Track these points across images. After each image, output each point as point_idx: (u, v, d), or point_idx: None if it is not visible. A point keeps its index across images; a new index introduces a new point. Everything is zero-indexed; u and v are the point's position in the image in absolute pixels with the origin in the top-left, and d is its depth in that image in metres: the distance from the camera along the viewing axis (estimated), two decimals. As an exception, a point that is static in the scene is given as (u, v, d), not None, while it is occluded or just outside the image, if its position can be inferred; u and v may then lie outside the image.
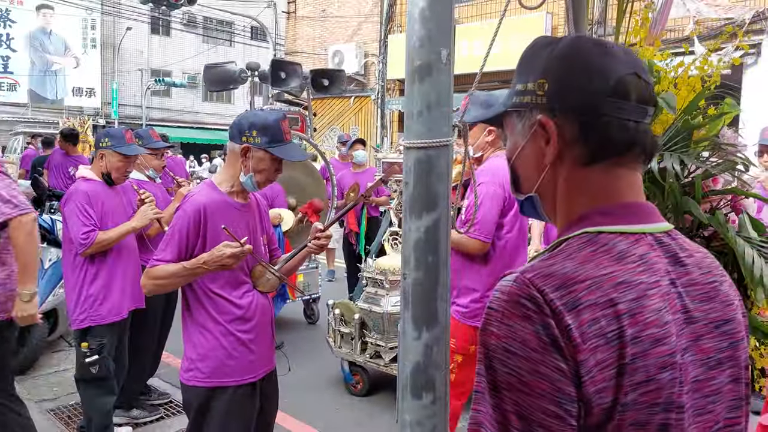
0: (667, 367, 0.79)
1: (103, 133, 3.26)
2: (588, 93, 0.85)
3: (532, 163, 0.93)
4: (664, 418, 0.79)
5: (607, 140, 0.86)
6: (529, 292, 0.79)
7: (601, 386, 0.76)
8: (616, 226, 0.86)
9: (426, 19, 1.95)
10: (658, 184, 1.71)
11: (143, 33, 26.50)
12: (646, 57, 1.82)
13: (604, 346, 0.76)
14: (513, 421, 0.77)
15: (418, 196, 2.01)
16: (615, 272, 0.80)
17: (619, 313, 0.77)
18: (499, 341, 0.79)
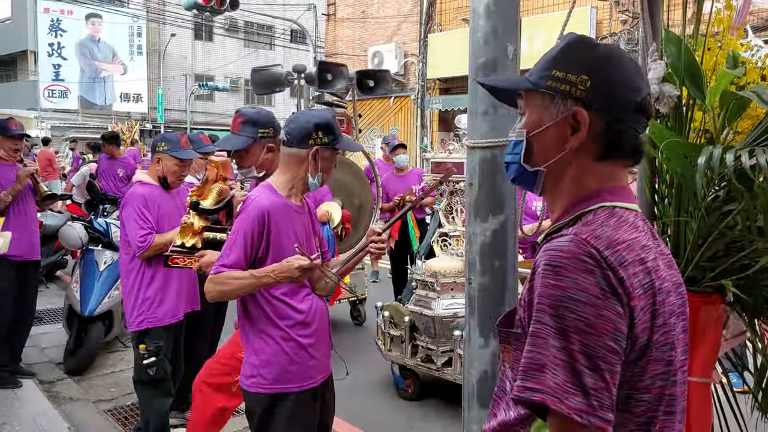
0: (673, 315, 1.01)
1: (159, 138, 3.29)
2: (622, 102, 1.03)
3: (553, 143, 1.06)
4: (670, 354, 1.00)
5: (622, 143, 1.05)
6: (587, 250, 0.95)
7: (643, 327, 0.95)
8: (624, 203, 1.05)
9: (491, 14, 1.88)
10: (747, 182, 1.60)
11: (187, 39, 27.07)
12: (730, 47, 1.71)
13: (644, 295, 0.96)
14: (580, 359, 0.90)
15: (483, 197, 1.94)
16: (638, 237, 1.00)
17: (648, 270, 0.98)
18: (565, 291, 0.92)
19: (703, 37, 1.73)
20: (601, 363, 0.91)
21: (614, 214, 1.02)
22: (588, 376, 0.90)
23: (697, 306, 1.74)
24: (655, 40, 1.82)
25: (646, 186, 1.84)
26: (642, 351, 0.96)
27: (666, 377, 1.00)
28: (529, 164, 1.09)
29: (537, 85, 1.06)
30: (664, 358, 0.99)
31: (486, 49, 1.88)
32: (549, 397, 0.90)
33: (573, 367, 0.90)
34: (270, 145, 2.63)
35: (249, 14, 23.20)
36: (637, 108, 1.03)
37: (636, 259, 0.97)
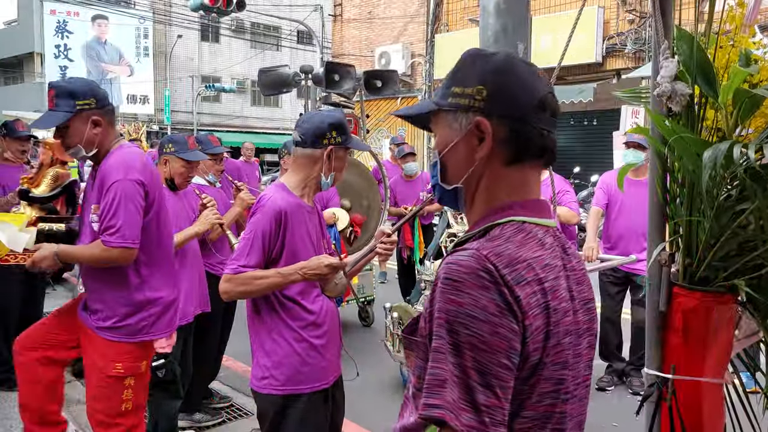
0: (568, 334, 1.01)
1: (166, 139, 3.30)
2: (521, 105, 1.03)
3: (464, 157, 1.07)
4: (561, 374, 1.00)
5: (528, 144, 1.04)
6: (486, 266, 0.94)
7: (536, 346, 0.95)
8: (533, 218, 1.05)
9: (501, 12, 1.87)
10: (760, 181, 1.58)
11: (193, 40, 27.15)
12: (742, 45, 1.69)
13: (540, 315, 0.96)
14: (473, 375, 0.90)
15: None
16: (542, 255, 1.01)
17: (546, 290, 0.98)
18: (461, 307, 0.92)
19: (715, 35, 1.72)
20: (494, 380, 0.91)
21: (522, 229, 1.03)
22: (480, 392, 0.90)
23: (709, 306, 1.73)
24: (667, 38, 1.80)
25: (657, 186, 1.82)
26: (533, 370, 0.96)
27: (556, 395, 1.00)
28: (447, 183, 1.10)
29: (440, 104, 1.09)
30: (555, 377, 0.99)
31: (496, 47, 1.87)
32: (448, 412, 0.90)
33: (466, 383, 0.90)
34: (95, 118, 2.42)
35: (255, 15, 23.25)
36: (537, 107, 1.03)
37: (535, 278, 0.97)
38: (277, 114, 29.59)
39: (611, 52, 12.36)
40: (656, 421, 1.85)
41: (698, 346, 1.77)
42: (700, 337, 1.76)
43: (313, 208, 2.35)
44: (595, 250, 4.43)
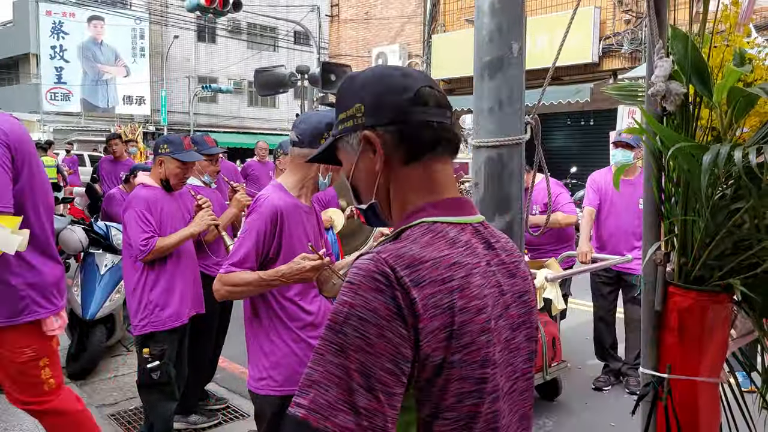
0: (485, 332, 0.99)
1: (162, 140, 3.28)
2: (397, 105, 1.04)
3: (367, 173, 1.09)
4: (481, 372, 0.98)
5: (418, 139, 1.05)
6: (382, 269, 0.93)
7: (434, 347, 0.93)
8: (446, 217, 1.05)
9: (496, 12, 1.86)
10: (754, 180, 1.58)
11: (190, 41, 27.11)
12: (736, 44, 1.69)
13: (440, 315, 0.94)
14: (356, 377, 0.89)
15: (489, 197, 1.92)
16: (450, 254, 0.99)
17: (452, 289, 0.96)
18: (353, 309, 0.92)
19: (709, 35, 1.71)
20: (377, 384, 0.89)
21: (432, 230, 1.02)
22: (361, 395, 0.89)
23: (704, 305, 1.73)
24: (662, 37, 1.80)
25: (653, 185, 1.82)
26: (437, 370, 0.94)
27: (479, 394, 0.98)
28: (363, 202, 1.13)
29: (335, 135, 1.14)
30: (473, 376, 0.97)
31: (491, 47, 1.86)
32: (313, 414, 0.88)
33: (348, 385, 0.89)
34: None
35: (252, 16, 23.22)
36: (413, 103, 1.04)
37: (438, 278, 0.95)
38: (274, 114, 29.56)
39: (608, 52, 12.37)
40: (652, 420, 1.85)
41: (694, 346, 1.77)
42: (696, 336, 1.76)
43: (311, 208, 2.34)
44: (588, 254, 4.42)
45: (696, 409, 1.80)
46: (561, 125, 15.30)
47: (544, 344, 3.87)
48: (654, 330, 1.84)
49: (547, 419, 3.97)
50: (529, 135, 1.91)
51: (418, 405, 0.97)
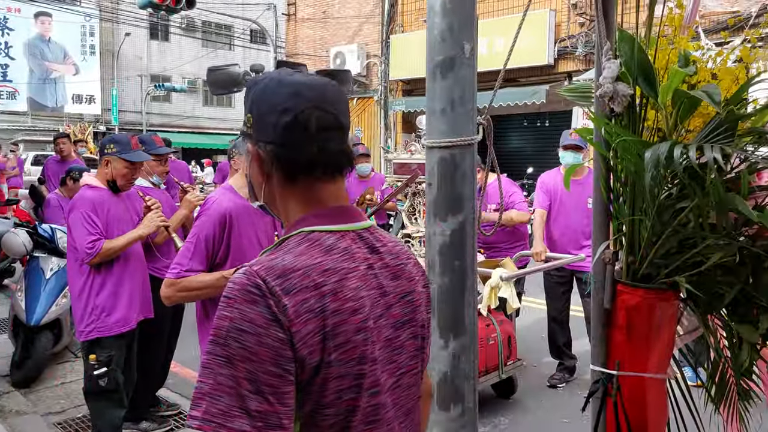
0: (361, 331, 1.04)
1: (108, 140, 3.18)
2: (274, 126, 1.07)
3: (256, 178, 1.15)
4: (359, 369, 1.04)
5: (293, 162, 1.08)
6: (255, 281, 0.99)
7: (310, 350, 0.99)
8: (326, 226, 1.09)
9: (447, 12, 1.86)
10: (699, 179, 1.62)
11: (142, 38, 26.47)
12: (681, 47, 1.72)
13: (312, 320, 0.99)
14: (244, 384, 0.95)
15: (442, 197, 1.92)
16: (323, 261, 1.04)
17: (323, 294, 1.01)
18: (232, 322, 0.97)
19: (655, 37, 1.75)
20: (265, 387, 0.96)
21: (308, 239, 1.07)
22: (252, 400, 0.95)
23: (652, 303, 1.76)
24: (609, 39, 1.82)
25: (602, 186, 1.84)
26: (315, 371, 1.00)
27: (357, 390, 1.04)
28: (257, 200, 1.18)
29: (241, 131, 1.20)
30: (350, 373, 1.03)
31: (443, 46, 1.86)
32: (206, 423, 0.94)
33: (238, 392, 0.96)
34: None
35: (207, 13, 22.83)
36: (291, 128, 1.06)
37: (310, 285, 1.01)
38: (230, 114, 29.12)
39: (563, 54, 12.60)
40: (601, 416, 1.88)
41: (642, 343, 1.80)
42: (644, 333, 1.79)
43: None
44: (543, 254, 4.49)
45: (644, 405, 1.84)
46: (517, 126, 15.54)
47: (500, 343, 3.91)
48: (603, 328, 1.87)
49: (503, 417, 4.01)
50: (481, 135, 1.92)
51: (301, 404, 1.02)
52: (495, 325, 3.93)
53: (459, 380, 1.85)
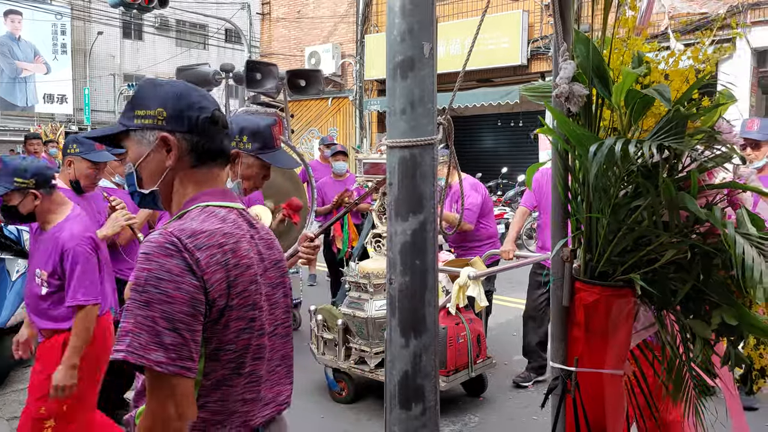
0: (253, 283, 1.35)
1: (71, 140, 3.13)
2: (195, 120, 1.36)
3: (157, 165, 1.37)
4: (252, 314, 1.34)
5: (207, 150, 1.39)
6: (171, 240, 1.24)
7: (219, 294, 1.26)
8: (217, 202, 1.38)
9: (407, 13, 1.87)
10: (652, 178, 1.65)
11: (115, 37, 26.08)
12: (635, 48, 1.75)
13: (219, 270, 1.27)
14: (161, 323, 1.18)
15: (403, 197, 1.92)
16: (222, 227, 1.33)
17: (226, 251, 1.30)
18: (151, 272, 1.21)
19: (610, 37, 1.77)
20: (180, 324, 1.19)
21: (206, 211, 1.35)
22: (167, 335, 1.18)
23: (609, 300, 1.79)
24: (566, 40, 1.85)
25: (559, 185, 1.86)
26: (221, 312, 1.27)
27: (251, 331, 1.33)
28: (145, 188, 1.39)
29: (128, 126, 1.38)
30: (246, 316, 1.32)
31: (403, 46, 1.86)
32: (129, 354, 1.16)
33: (155, 329, 1.17)
34: None
35: (181, 12, 22.58)
36: (210, 123, 1.37)
37: (215, 243, 1.28)
38: (206, 114, 28.83)
39: (536, 54, 12.71)
40: (561, 412, 1.90)
41: (599, 339, 1.82)
42: (601, 329, 1.82)
43: None
44: (511, 252, 4.42)
45: (602, 401, 1.86)
46: (492, 126, 15.63)
47: (469, 341, 3.93)
48: (562, 325, 1.89)
49: (473, 415, 4.04)
50: (441, 135, 1.93)
51: (206, 342, 1.27)
52: (464, 324, 3.95)
53: (420, 379, 1.86)
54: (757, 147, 3.92)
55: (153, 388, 1.20)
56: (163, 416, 1.19)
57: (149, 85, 1.39)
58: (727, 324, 1.63)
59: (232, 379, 1.32)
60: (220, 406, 1.32)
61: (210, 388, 1.30)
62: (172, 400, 1.19)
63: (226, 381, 1.31)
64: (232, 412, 1.34)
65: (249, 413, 1.38)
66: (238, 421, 1.35)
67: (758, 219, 1.59)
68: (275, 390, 1.48)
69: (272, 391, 1.47)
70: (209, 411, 1.31)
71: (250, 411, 1.38)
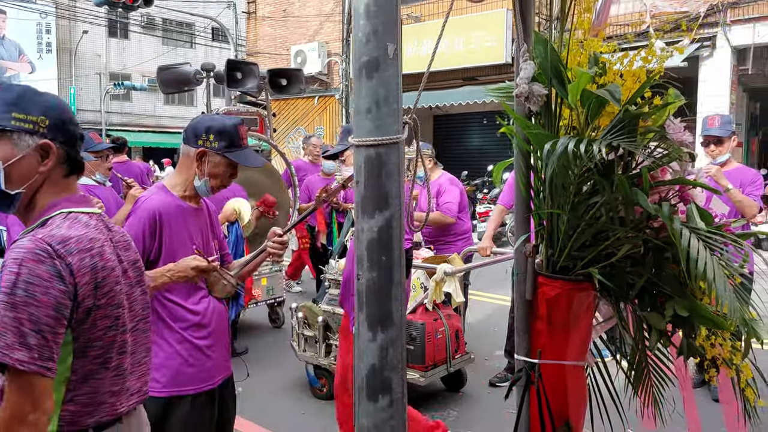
0: (117, 284, 1.48)
1: (47, 139, 3.14)
2: (71, 134, 1.48)
3: (28, 168, 1.42)
4: (116, 312, 1.47)
5: (75, 163, 1.50)
6: (42, 246, 1.33)
7: (86, 295, 1.38)
8: (79, 208, 1.47)
9: (371, 15, 1.91)
10: (608, 176, 1.70)
11: (100, 36, 25.91)
12: (592, 49, 1.80)
13: (88, 273, 1.38)
14: (26, 324, 1.27)
15: (369, 195, 1.96)
16: (87, 233, 1.43)
17: (93, 255, 1.41)
18: (20, 277, 1.29)
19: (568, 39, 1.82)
20: (44, 327, 1.29)
21: (69, 217, 1.43)
22: (32, 337, 1.27)
23: (570, 294, 1.84)
24: (527, 41, 1.90)
25: (521, 182, 1.91)
26: (88, 312, 1.39)
27: (116, 328, 1.47)
28: (11, 188, 1.43)
29: (3, 126, 1.41)
30: (112, 315, 1.46)
31: (368, 47, 1.90)
32: None
33: (21, 331, 1.26)
34: None
35: (167, 11, 22.48)
36: (80, 138, 1.51)
37: (84, 248, 1.39)
38: (192, 113, 28.67)
39: (519, 53, 12.78)
40: (525, 403, 1.96)
41: (561, 332, 1.88)
42: (563, 322, 1.87)
43: (199, 208, 2.31)
44: (488, 249, 4.47)
45: (565, 391, 1.92)
46: (477, 124, 15.71)
47: (447, 337, 3.98)
48: (526, 318, 1.95)
49: (452, 410, 4.09)
50: (406, 134, 1.97)
51: (74, 339, 1.38)
52: (442, 320, 4.00)
53: (387, 371, 1.90)
54: (720, 143, 4.03)
55: (13, 385, 1.29)
56: (20, 411, 1.29)
57: (29, 92, 1.46)
58: (679, 315, 1.69)
59: (100, 373, 1.45)
60: (89, 399, 1.44)
61: (79, 383, 1.42)
62: (30, 397, 1.29)
63: (94, 375, 1.44)
64: (100, 403, 1.46)
65: (116, 403, 1.50)
66: (105, 411, 1.47)
67: (707, 214, 1.65)
68: (141, 380, 1.62)
69: (139, 382, 1.60)
70: (79, 404, 1.42)
71: (117, 401, 1.50)
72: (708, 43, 10.93)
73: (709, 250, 1.50)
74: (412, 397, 4.09)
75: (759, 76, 11.87)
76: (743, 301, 1.57)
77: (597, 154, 1.47)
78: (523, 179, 1.93)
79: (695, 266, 1.44)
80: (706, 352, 1.72)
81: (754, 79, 11.85)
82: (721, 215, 1.77)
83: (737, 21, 10.71)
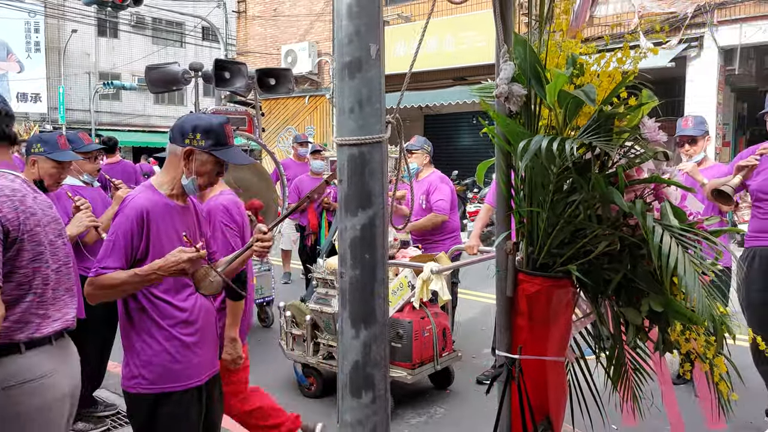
0: (38, 226, 1.98)
1: (35, 138, 3.14)
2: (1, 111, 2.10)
3: None
4: (39, 249, 1.98)
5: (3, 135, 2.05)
6: None
7: (13, 227, 1.88)
8: (7, 170, 2.00)
9: (353, 15, 1.93)
10: (586, 175, 1.74)
11: (90, 35, 25.78)
12: (569, 50, 1.84)
13: (13, 212, 1.89)
14: None
15: (352, 193, 1.99)
16: (12, 185, 1.95)
17: (14, 200, 1.92)
18: None
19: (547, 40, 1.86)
20: None
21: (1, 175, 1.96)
22: None
23: (549, 290, 1.87)
24: (507, 42, 1.93)
25: (501, 181, 1.95)
26: (14, 242, 1.88)
27: (39, 262, 1.97)
28: None
29: None
30: (35, 250, 1.95)
31: (350, 48, 1.93)
32: None
33: None
34: None
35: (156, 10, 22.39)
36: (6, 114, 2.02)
37: (9, 193, 1.90)
38: (182, 112, 28.24)
39: (509, 53, 12.84)
40: (506, 398, 1.99)
41: (541, 328, 1.91)
42: (543, 318, 1.90)
43: (186, 207, 2.33)
44: (475, 248, 4.52)
45: (545, 387, 1.95)
46: (468, 124, 15.76)
47: (435, 335, 4.02)
48: (507, 315, 1.98)
49: (439, 408, 4.12)
50: (389, 134, 2.00)
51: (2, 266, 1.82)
52: (430, 318, 4.04)
53: (370, 368, 1.93)
54: (694, 142, 4.12)
55: None
56: None
57: None
58: (655, 311, 1.73)
59: (25, 298, 1.93)
60: (19, 317, 1.91)
61: (9, 304, 1.88)
62: None
63: (21, 299, 1.92)
64: (27, 321, 1.93)
65: (41, 324, 1.97)
66: (33, 329, 1.94)
67: (681, 211, 1.68)
68: (63, 312, 2.06)
69: (60, 313, 2.04)
70: (10, 321, 1.89)
71: (42, 323, 1.97)
72: (695, 44, 11.03)
73: (682, 246, 1.54)
74: (400, 395, 4.13)
75: (746, 77, 12.00)
76: (714, 297, 1.61)
77: (569, 152, 1.50)
78: (504, 178, 1.96)
79: (667, 262, 1.48)
80: (681, 346, 1.76)
81: (741, 79, 11.98)
82: (696, 213, 1.81)
83: (724, 21, 10.81)
